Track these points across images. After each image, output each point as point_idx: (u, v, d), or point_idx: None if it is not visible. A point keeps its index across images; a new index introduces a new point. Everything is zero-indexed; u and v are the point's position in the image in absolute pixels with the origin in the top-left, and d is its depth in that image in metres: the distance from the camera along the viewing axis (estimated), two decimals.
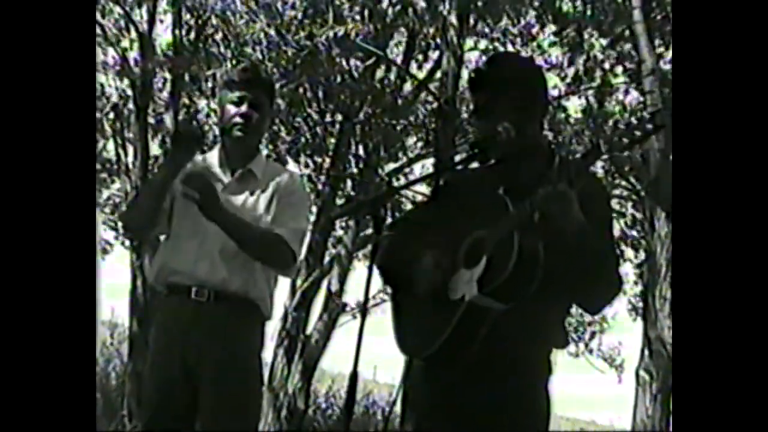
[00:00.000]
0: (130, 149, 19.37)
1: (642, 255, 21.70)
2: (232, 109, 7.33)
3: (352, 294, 19.52)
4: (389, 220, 5.86)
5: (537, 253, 5.57)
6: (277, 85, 17.21)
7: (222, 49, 18.74)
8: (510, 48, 19.43)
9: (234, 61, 18.00)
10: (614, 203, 20.23)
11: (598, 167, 19.21)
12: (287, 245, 7.25)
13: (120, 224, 8.57)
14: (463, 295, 5.67)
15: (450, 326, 5.68)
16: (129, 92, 19.44)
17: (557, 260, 5.57)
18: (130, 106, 19.32)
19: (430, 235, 6.00)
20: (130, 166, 19.21)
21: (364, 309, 5.95)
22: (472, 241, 5.76)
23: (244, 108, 7.30)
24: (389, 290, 6.31)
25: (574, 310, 6.40)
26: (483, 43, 19.62)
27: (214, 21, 18.86)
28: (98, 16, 19.03)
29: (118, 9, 19.14)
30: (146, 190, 7.40)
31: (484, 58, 19.47)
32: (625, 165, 19.22)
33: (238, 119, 7.25)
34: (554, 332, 5.95)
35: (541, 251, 5.56)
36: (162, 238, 7.59)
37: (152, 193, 7.25)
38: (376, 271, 5.96)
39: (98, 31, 19.21)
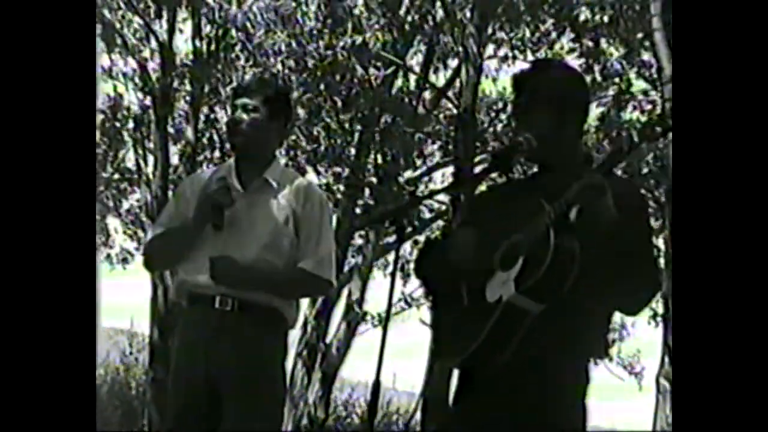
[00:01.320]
0: (150, 159, 19.36)
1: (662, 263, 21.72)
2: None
3: (372, 303, 19.50)
4: (409, 229, 5.89)
5: (573, 251, 5.49)
6: (297, 94, 17.28)
7: (242, 60, 18.75)
8: (528, 55, 19.47)
9: (254, 72, 18.05)
10: None
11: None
12: (317, 277, 7.23)
13: (145, 261, 8.50)
14: (500, 297, 5.59)
15: (486, 330, 5.60)
16: (149, 102, 19.41)
17: (594, 258, 5.49)
18: (150, 116, 19.27)
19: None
20: (151, 176, 19.22)
21: (387, 317, 5.93)
22: (509, 244, 5.67)
23: (236, 114, 7.24)
24: (425, 302, 6.40)
25: None
26: (502, 51, 19.54)
27: (234, 32, 18.82)
28: (118, 26, 19.11)
29: (138, 19, 19.14)
30: (173, 239, 7.32)
31: (504, 66, 19.57)
32: (641, 170, 19.19)
33: (230, 125, 7.25)
34: (593, 341, 5.85)
35: (577, 248, 5.48)
36: None
37: (179, 243, 7.26)
38: (399, 280, 6.00)
39: (119, 41, 19.30)
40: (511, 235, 5.68)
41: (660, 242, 17.76)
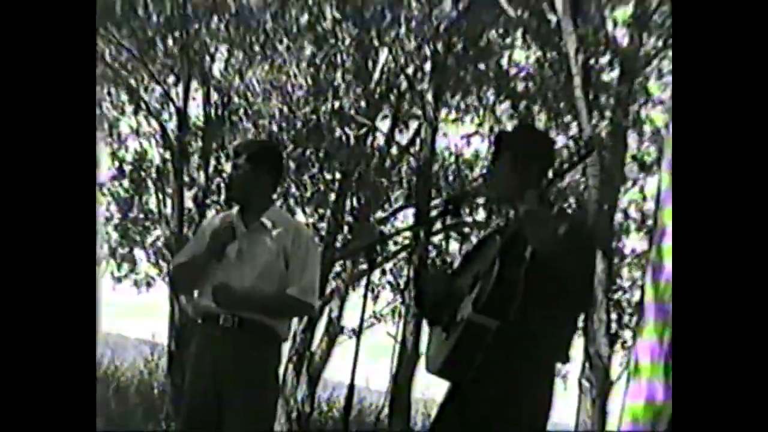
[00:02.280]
0: (169, 202, 19.34)
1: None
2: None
3: (348, 318, 19.58)
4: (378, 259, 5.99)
5: (518, 275, 5.50)
6: (288, 150, 17.35)
7: (244, 122, 18.80)
8: (474, 118, 19.51)
9: (254, 131, 18.14)
10: None
11: None
12: (300, 301, 7.29)
13: (172, 283, 8.76)
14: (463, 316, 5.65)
15: (452, 342, 5.66)
16: (168, 156, 19.40)
17: (539, 281, 5.48)
18: (169, 167, 19.27)
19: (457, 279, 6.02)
20: (169, 216, 19.22)
21: (359, 330, 6.09)
22: (472, 274, 5.77)
23: (231, 172, 7.44)
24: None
25: None
26: (453, 115, 19.59)
27: (236, 99, 18.86)
28: (143, 93, 19.17)
29: (159, 88, 19.15)
30: (191, 268, 7.41)
31: (455, 127, 19.66)
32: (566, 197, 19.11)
33: (226, 182, 7.44)
34: (556, 348, 5.80)
35: (519, 274, 5.50)
36: None
37: (196, 270, 7.35)
38: (369, 300, 6.09)
39: (143, 106, 19.36)
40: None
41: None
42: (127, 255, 20.10)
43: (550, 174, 5.69)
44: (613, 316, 16.98)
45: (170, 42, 18.67)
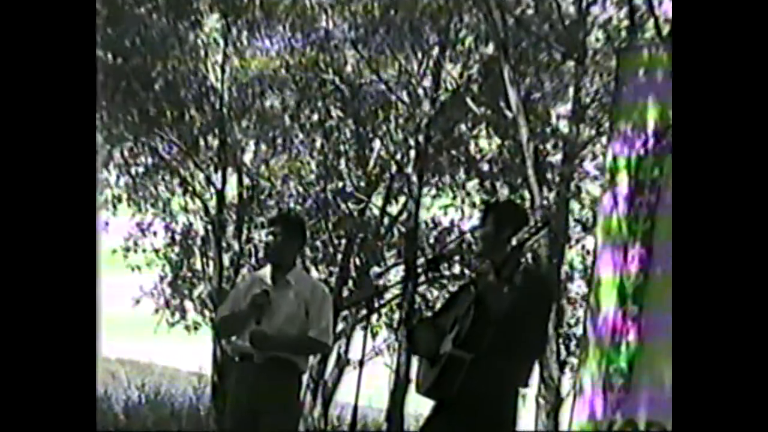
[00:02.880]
0: (211, 263, 19.39)
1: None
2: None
3: (353, 352, 19.56)
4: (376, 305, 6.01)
5: (488, 321, 5.54)
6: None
7: (270, 201, 18.96)
8: (450, 193, 19.63)
9: (278, 208, 18.31)
10: None
11: None
12: (319, 342, 7.39)
13: (216, 331, 8.98)
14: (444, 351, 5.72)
15: (437, 370, 5.71)
16: (210, 228, 19.49)
17: (504, 326, 5.52)
18: (211, 236, 19.35)
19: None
20: (211, 274, 19.27)
21: (362, 361, 6.19)
22: (454, 316, 5.77)
23: (268, 239, 7.47)
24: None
25: None
26: (433, 192, 19.67)
27: (262, 182, 18.98)
28: (188, 176, 19.34)
29: (202, 174, 19.26)
30: (232, 319, 7.50)
31: (436, 202, 19.78)
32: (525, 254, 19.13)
33: (265, 247, 7.54)
34: (519, 375, 5.83)
35: (490, 319, 5.55)
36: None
37: (236, 322, 7.40)
38: (369, 338, 6.13)
39: (188, 188, 19.49)
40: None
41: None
42: (178, 306, 20.09)
43: (515, 241, 5.77)
44: (562, 346, 16.98)
45: (210, 138, 18.77)
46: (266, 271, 7.55)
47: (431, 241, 19.50)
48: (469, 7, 17.00)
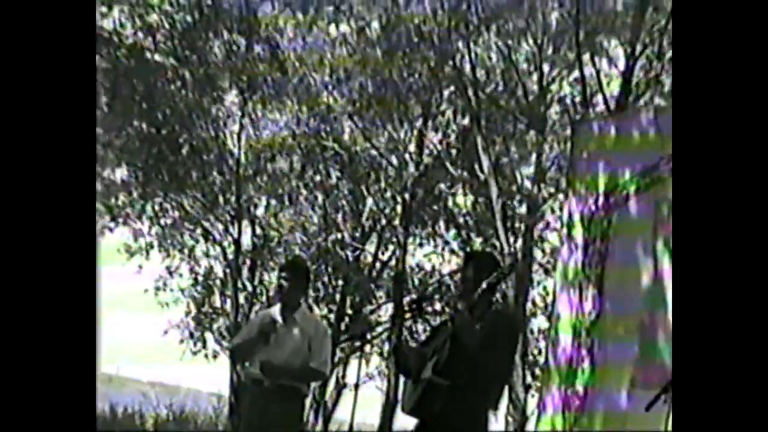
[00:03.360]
0: (228, 302, 19.39)
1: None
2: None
3: (349, 377, 19.51)
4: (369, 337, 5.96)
5: (463, 353, 5.55)
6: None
7: (278, 248, 19.00)
8: (432, 242, 19.68)
9: (285, 257, 18.33)
10: None
11: None
12: (318, 371, 7.42)
13: (232, 356, 9.04)
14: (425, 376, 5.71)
15: (418, 393, 5.72)
16: (227, 271, 19.49)
17: (476, 358, 5.54)
18: (229, 280, 19.34)
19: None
20: (228, 310, 19.26)
21: (356, 385, 6.15)
22: (434, 347, 5.79)
23: (281, 282, 7.46)
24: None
25: None
26: (417, 241, 19.66)
27: (272, 232, 19.03)
28: (209, 227, 19.42)
29: (220, 225, 19.29)
30: (246, 347, 7.49)
31: (419, 249, 19.84)
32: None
33: (280, 287, 7.48)
34: (489, 398, 5.82)
35: (465, 351, 5.55)
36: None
37: (248, 350, 7.38)
38: (363, 365, 6.09)
39: (209, 236, 19.56)
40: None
41: None
42: (200, 337, 20.07)
43: (486, 284, 5.77)
44: (528, 372, 16.93)
45: (228, 195, 18.80)
46: (276, 309, 7.55)
47: (416, 283, 19.50)
48: (448, 85, 17.07)
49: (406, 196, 18.29)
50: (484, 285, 5.74)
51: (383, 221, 19.22)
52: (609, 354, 8.90)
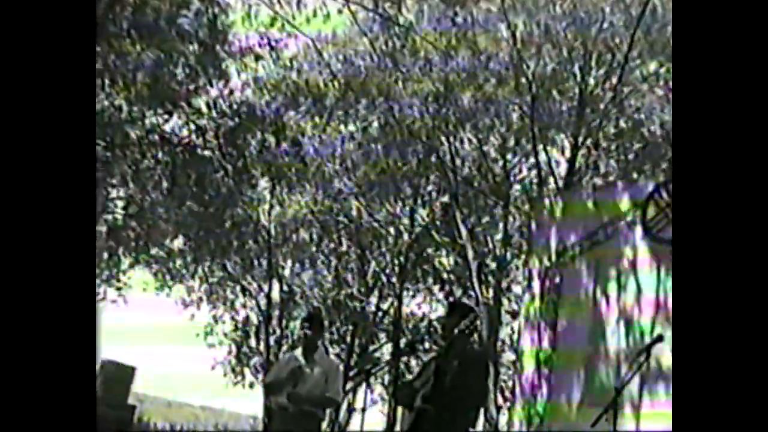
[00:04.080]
0: (262, 344, 19.31)
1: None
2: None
3: (358, 403, 19.35)
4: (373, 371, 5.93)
5: (446, 385, 5.50)
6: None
7: (300, 302, 18.99)
8: (422, 295, 19.66)
9: (306, 307, 18.30)
10: None
11: None
12: (333, 400, 7.37)
13: (266, 389, 8.97)
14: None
15: (412, 417, 5.64)
16: (261, 319, 19.40)
17: (456, 387, 5.49)
18: (262, 328, 19.25)
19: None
20: (262, 351, 19.15)
21: (363, 409, 6.10)
22: (423, 381, 5.71)
23: (303, 331, 7.40)
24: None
25: None
26: (413, 292, 19.65)
27: (295, 289, 18.99)
28: (247, 284, 19.39)
29: (255, 283, 19.26)
30: (275, 385, 7.40)
31: (414, 299, 19.80)
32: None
33: (301, 334, 7.44)
34: (469, 418, 5.72)
35: (447, 383, 5.49)
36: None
37: (278, 387, 7.28)
38: (368, 394, 6.00)
39: (247, 294, 19.57)
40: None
41: None
42: (240, 371, 19.98)
43: (463, 326, 5.75)
44: (499, 396, 16.76)
45: (261, 259, 18.82)
46: (299, 351, 7.48)
47: (410, 326, 19.45)
48: (432, 171, 17.19)
49: (402, 258, 18.35)
50: (461, 327, 5.73)
51: (383, 279, 19.22)
52: (562, 379, 8.86)
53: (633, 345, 8.26)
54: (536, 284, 9.64)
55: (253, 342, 20.14)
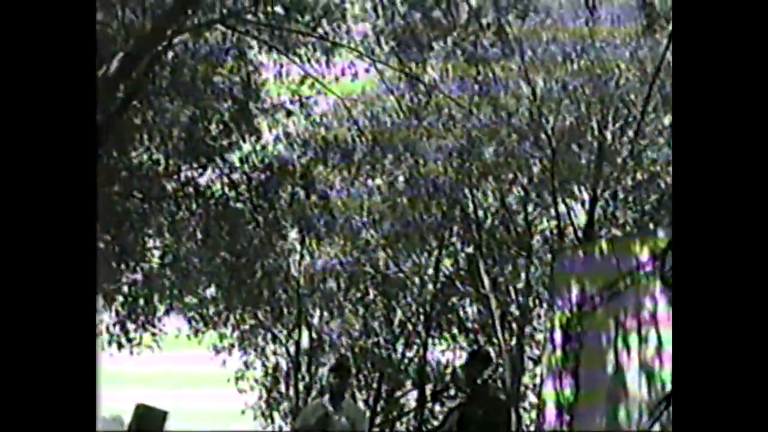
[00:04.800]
0: (291, 390, 19.22)
1: None
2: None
3: None
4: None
5: (469, 429, 5.54)
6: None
7: (328, 351, 18.97)
8: (446, 342, 19.52)
9: (334, 354, 18.23)
10: None
11: None
12: None
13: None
14: None
15: None
16: (290, 365, 19.32)
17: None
18: (291, 375, 19.18)
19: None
20: (292, 397, 19.05)
21: None
22: (447, 428, 5.77)
23: (331, 378, 7.40)
24: None
25: None
26: (435, 341, 19.51)
27: (324, 337, 18.94)
28: (277, 332, 19.38)
29: (285, 330, 19.25)
30: (304, 430, 7.36)
31: (439, 348, 19.69)
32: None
33: (329, 382, 7.37)
34: None
35: (471, 428, 5.53)
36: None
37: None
38: None
39: (277, 341, 19.58)
40: None
41: None
42: (269, 415, 19.94)
43: (486, 375, 5.74)
44: None
45: (291, 308, 18.81)
46: (326, 398, 7.42)
47: (435, 374, 19.31)
48: (456, 223, 17.20)
49: (427, 307, 18.29)
50: (484, 376, 5.71)
51: (409, 327, 19.15)
52: (583, 424, 8.74)
53: (653, 394, 8.15)
54: (557, 334, 9.56)
55: (282, 387, 20.09)
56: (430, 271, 18.43)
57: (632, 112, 14.62)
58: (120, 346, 14.97)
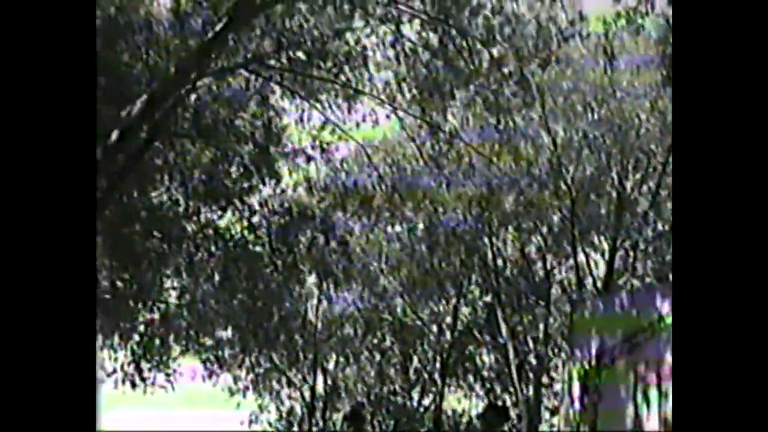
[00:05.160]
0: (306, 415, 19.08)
1: None
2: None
3: None
4: None
5: None
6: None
7: (344, 395, 18.64)
8: (463, 391, 19.17)
9: (349, 401, 17.94)
10: None
11: None
12: None
13: None
14: None
15: None
16: (305, 410, 19.08)
17: None
18: (305, 415, 18.92)
19: None
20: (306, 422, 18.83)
21: None
22: None
23: (345, 426, 7.11)
24: None
25: None
26: (452, 389, 19.19)
27: (340, 383, 18.67)
28: (292, 377, 19.11)
29: (300, 375, 19.01)
30: None
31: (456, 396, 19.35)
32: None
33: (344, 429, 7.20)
34: None
35: None
36: None
37: None
38: None
39: (293, 384, 19.34)
40: None
41: None
42: None
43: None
44: None
45: (307, 352, 18.60)
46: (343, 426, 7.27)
47: (450, 422, 19.00)
48: (475, 272, 17.03)
49: (444, 356, 18.03)
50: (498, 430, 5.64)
51: (426, 375, 18.85)
52: None
53: None
54: (576, 386, 9.28)
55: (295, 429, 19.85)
56: (448, 319, 18.21)
57: (652, 162, 14.46)
58: (134, 385, 14.75)
